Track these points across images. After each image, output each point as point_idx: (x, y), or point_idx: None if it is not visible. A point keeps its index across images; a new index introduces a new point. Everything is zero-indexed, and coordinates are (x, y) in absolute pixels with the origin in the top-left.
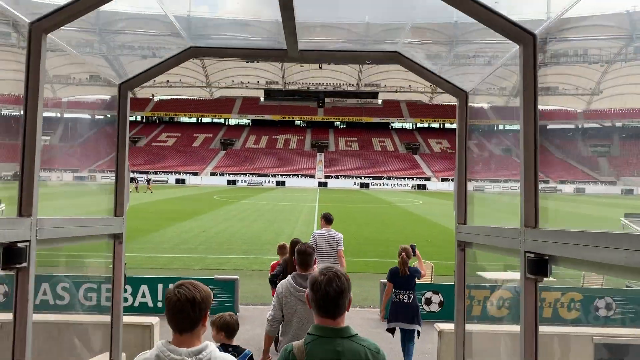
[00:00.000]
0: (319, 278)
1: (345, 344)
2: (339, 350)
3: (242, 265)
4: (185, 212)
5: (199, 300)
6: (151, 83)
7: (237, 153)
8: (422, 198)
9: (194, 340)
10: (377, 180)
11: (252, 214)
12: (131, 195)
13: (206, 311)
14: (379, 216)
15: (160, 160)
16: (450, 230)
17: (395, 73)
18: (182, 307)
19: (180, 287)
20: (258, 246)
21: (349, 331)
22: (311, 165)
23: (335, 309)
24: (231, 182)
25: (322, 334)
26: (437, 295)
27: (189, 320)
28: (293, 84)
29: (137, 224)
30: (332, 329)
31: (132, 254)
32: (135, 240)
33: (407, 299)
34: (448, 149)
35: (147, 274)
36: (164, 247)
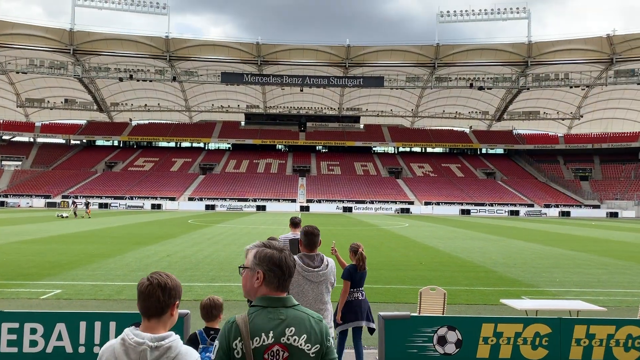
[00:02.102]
0: (282, 255)
1: (289, 312)
2: (283, 319)
3: (205, 294)
4: (153, 235)
5: (170, 287)
6: (129, 107)
7: (217, 178)
8: (407, 221)
9: (159, 328)
10: (360, 204)
11: (227, 238)
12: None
13: (175, 301)
14: (366, 239)
15: (136, 185)
16: (444, 252)
17: (377, 97)
18: (153, 291)
19: (153, 274)
20: (227, 272)
21: (292, 301)
22: (293, 190)
23: (287, 283)
24: (210, 207)
25: (266, 304)
26: (453, 332)
27: (157, 305)
28: (274, 108)
29: (93, 249)
30: (276, 298)
31: (74, 282)
32: (84, 267)
33: (361, 297)
34: (430, 173)
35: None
36: (116, 273)
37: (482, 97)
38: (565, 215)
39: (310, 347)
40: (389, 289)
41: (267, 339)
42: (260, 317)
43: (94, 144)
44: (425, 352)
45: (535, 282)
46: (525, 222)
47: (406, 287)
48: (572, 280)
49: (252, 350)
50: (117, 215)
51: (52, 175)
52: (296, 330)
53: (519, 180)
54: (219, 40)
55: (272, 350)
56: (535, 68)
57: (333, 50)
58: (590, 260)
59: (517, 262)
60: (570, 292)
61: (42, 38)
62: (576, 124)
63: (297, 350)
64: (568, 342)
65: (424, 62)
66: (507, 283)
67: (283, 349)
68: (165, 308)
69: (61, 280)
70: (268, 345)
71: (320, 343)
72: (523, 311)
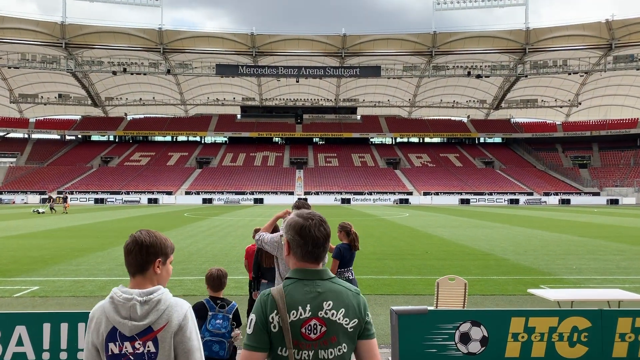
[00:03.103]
0: (306, 223)
1: (325, 285)
2: (320, 292)
3: (195, 289)
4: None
5: (147, 244)
6: (124, 101)
7: (214, 171)
8: (407, 211)
9: (146, 283)
10: (359, 195)
11: (223, 230)
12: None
13: (158, 257)
14: (367, 229)
15: (132, 180)
16: (449, 240)
17: (373, 88)
18: (132, 249)
19: (137, 231)
20: (222, 264)
21: (328, 273)
22: (290, 182)
23: (321, 254)
24: (207, 200)
25: (301, 276)
26: (478, 327)
27: (137, 262)
28: (270, 100)
29: (81, 243)
30: (312, 270)
31: (55, 277)
32: (68, 262)
33: (351, 276)
34: (429, 163)
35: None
36: (102, 268)
37: (479, 85)
38: (565, 203)
39: (349, 321)
40: (396, 280)
41: (304, 312)
42: (296, 290)
43: (89, 139)
44: (446, 352)
45: (551, 270)
46: (526, 210)
47: (414, 278)
48: (591, 267)
49: (289, 323)
50: (110, 210)
51: (48, 171)
52: (334, 304)
53: (518, 168)
54: (213, 31)
55: (310, 324)
56: (533, 55)
57: (329, 40)
58: (603, 246)
59: (528, 250)
60: (591, 279)
61: (33, 32)
62: (574, 111)
63: (335, 324)
64: (611, 337)
65: (421, 51)
66: (521, 271)
67: (321, 323)
68: (146, 265)
69: (41, 276)
70: (305, 319)
71: (359, 317)
72: (555, 302)
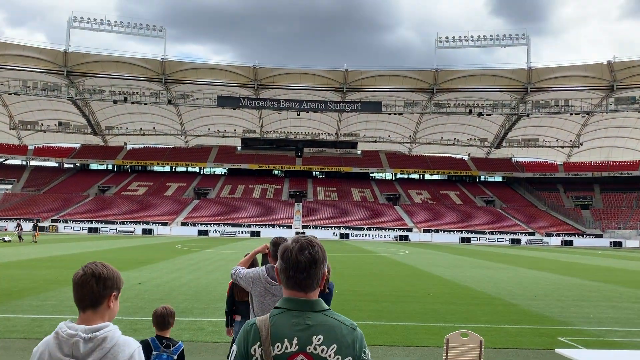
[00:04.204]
0: (291, 245)
1: (317, 318)
2: (310, 324)
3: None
4: (132, 261)
5: (105, 276)
6: (124, 130)
7: (211, 203)
8: (406, 248)
9: (96, 319)
10: (358, 230)
11: (212, 264)
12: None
13: (112, 292)
14: (365, 267)
15: (128, 210)
16: (452, 281)
17: (374, 123)
18: (87, 280)
19: (89, 263)
20: (203, 304)
21: (322, 305)
22: (289, 215)
23: (306, 280)
24: (202, 232)
25: (290, 306)
26: None
27: (91, 295)
28: (271, 133)
29: (56, 275)
30: (302, 300)
31: (13, 314)
32: (34, 296)
33: None
34: (429, 200)
35: None
36: (69, 304)
37: (480, 124)
38: (568, 244)
39: (341, 359)
40: (395, 327)
41: (290, 346)
42: (283, 321)
43: (88, 168)
44: None
45: (566, 319)
46: (528, 251)
47: (416, 325)
48: (610, 316)
49: (272, 357)
50: (97, 239)
51: (43, 199)
52: (325, 339)
53: (519, 208)
54: (216, 63)
55: (296, 359)
56: (535, 94)
57: (331, 74)
58: (618, 292)
59: (537, 294)
60: (613, 332)
61: (36, 59)
62: (576, 152)
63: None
64: None
65: (423, 88)
66: (534, 319)
67: (309, 359)
68: (101, 299)
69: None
70: (291, 354)
71: (353, 355)
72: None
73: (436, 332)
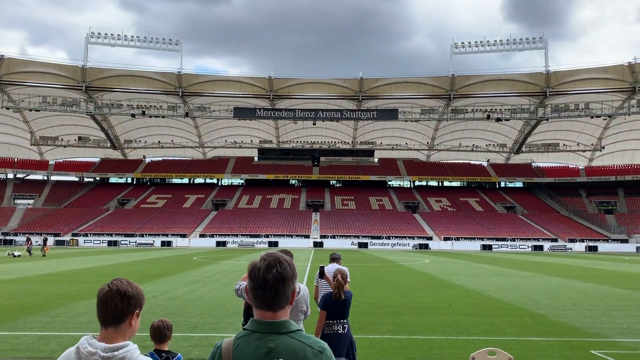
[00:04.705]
0: (258, 264)
1: (280, 340)
2: (272, 347)
3: (178, 348)
4: (148, 274)
5: (130, 294)
6: (143, 144)
7: (229, 214)
8: (426, 257)
9: (117, 337)
10: (376, 239)
11: (228, 276)
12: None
13: (135, 309)
14: (383, 276)
15: (147, 223)
16: (475, 291)
17: (391, 131)
18: (112, 297)
19: (114, 280)
20: (216, 318)
21: (288, 326)
22: (306, 225)
23: (274, 299)
24: (221, 243)
25: (255, 328)
26: None
27: (115, 312)
28: (287, 143)
29: (70, 290)
30: (268, 322)
31: (21, 332)
32: (45, 312)
33: (341, 330)
34: (448, 207)
35: None
36: (79, 320)
37: (499, 129)
38: (592, 250)
39: None
40: (416, 342)
41: None
42: (246, 344)
43: (107, 182)
44: None
45: (598, 330)
46: (552, 257)
47: (438, 338)
48: None
49: None
50: (117, 253)
51: (64, 213)
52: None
53: (541, 214)
54: (231, 75)
55: None
56: (554, 98)
57: (346, 83)
58: None
59: (565, 303)
60: None
61: (55, 75)
62: (597, 155)
63: None
64: None
65: (439, 94)
66: (563, 331)
67: None
68: (124, 316)
69: (7, 330)
70: None
71: None
72: None
73: (460, 346)
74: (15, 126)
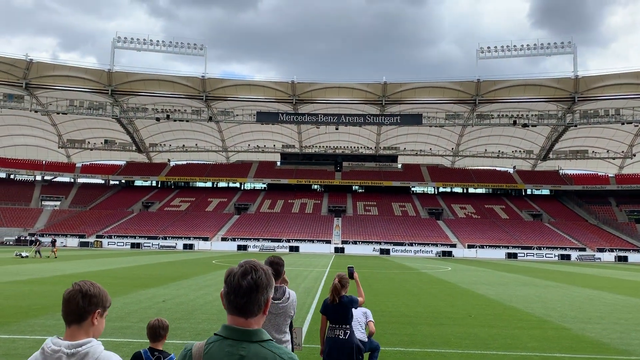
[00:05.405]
0: (234, 270)
1: (252, 349)
2: (243, 355)
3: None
4: (164, 277)
5: (91, 294)
6: (167, 148)
7: (251, 218)
8: (449, 265)
9: (80, 335)
10: (399, 246)
11: None
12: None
13: (97, 308)
14: (403, 284)
15: (170, 226)
16: (497, 301)
17: (415, 136)
18: (74, 296)
19: (80, 281)
20: None
21: (260, 335)
22: (328, 230)
23: (247, 306)
24: (242, 247)
25: (227, 334)
26: None
27: (77, 310)
28: (310, 148)
29: None
30: (240, 329)
31: (20, 335)
32: (51, 314)
33: (342, 335)
34: (473, 214)
35: None
36: None
37: (526, 135)
38: (622, 260)
39: None
40: (429, 355)
41: None
42: (217, 350)
43: (133, 184)
44: None
45: (629, 347)
46: (580, 267)
47: (454, 352)
48: None
49: None
50: (138, 255)
51: (89, 215)
52: None
53: (568, 222)
54: (255, 80)
55: None
56: (582, 104)
57: (369, 88)
58: None
59: (592, 316)
60: None
61: (82, 79)
62: (628, 163)
63: None
64: None
65: (465, 99)
66: (589, 347)
67: None
68: (85, 314)
69: (7, 333)
70: None
71: None
72: None
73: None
74: (44, 129)
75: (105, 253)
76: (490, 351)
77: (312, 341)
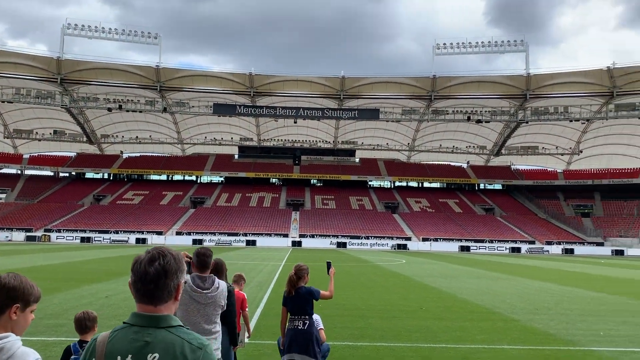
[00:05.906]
0: (141, 257)
1: (158, 334)
2: (148, 341)
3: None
4: (111, 272)
5: (10, 287)
6: (120, 139)
7: (208, 211)
8: (404, 257)
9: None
10: (355, 239)
11: None
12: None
13: (15, 303)
14: (357, 277)
15: (123, 219)
16: (449, 293)
17: (372, 131)
18: None
19: (8, 273)
20: None
21: (169, 320)
22: (286, 224)
23: (155, 292)
24: (197, 241)
25: (134, 321)
26: None
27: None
28: (268, 141)
29: None
30: (147, 315)
31: None
32: None
33: (301, 325)
34: (428, 208)
35: None
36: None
37: (479, 131)
38: (569, 253)
39: None
40: (378, 349)
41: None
42: (122, 337)
43: (83, 177)
44: None
45: (574, 337)
46: (529, 260)
47: (403, 346)
48: (622, 334)
49: None
50: (86, 249)
51: (37, 208)
52: (161, 357)
53: (519, 216)
54: (211, 71)
55: None
56: (534, 101)
57: (327, 81)
58: (627, 305)
59: (539, 307)
60: (629, 353)
61: (29, 67)
62: (575, 159)
63: None
64: None
65: (421, 95)
66: (536, 338)
67: None
68: (3, 308)
69: None
70: None
71: None
72: None
73: (426, 355)
74: None
75: (52, 247)
76: (440, 344)
77: (260, 337)
